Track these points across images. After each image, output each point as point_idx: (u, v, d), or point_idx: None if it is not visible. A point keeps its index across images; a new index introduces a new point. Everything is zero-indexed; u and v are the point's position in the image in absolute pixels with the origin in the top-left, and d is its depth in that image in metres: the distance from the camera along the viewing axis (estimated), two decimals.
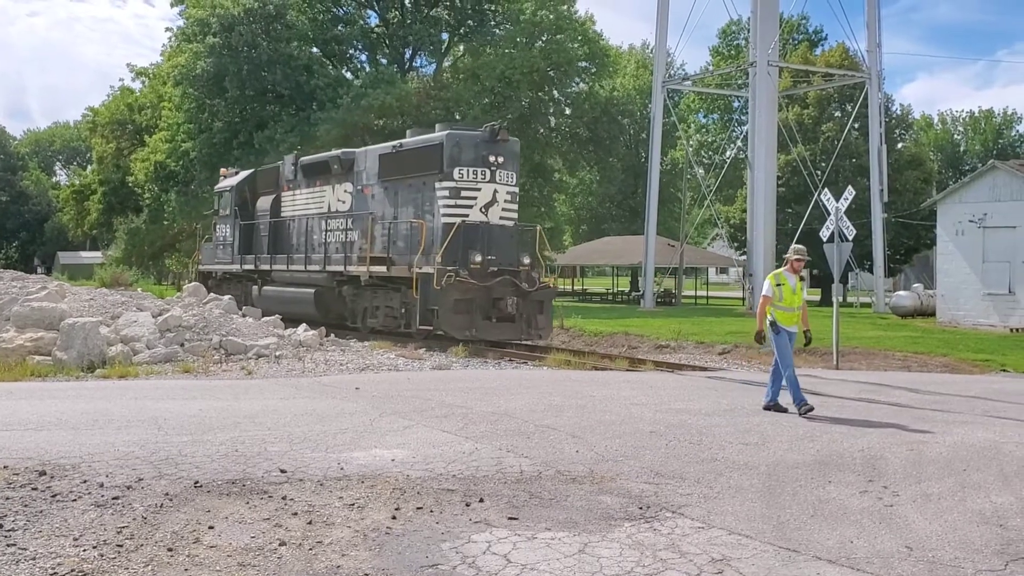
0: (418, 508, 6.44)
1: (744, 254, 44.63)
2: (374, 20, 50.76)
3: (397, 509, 6.40)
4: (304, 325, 20.71)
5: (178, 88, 45.31)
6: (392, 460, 7.85)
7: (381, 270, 21.57)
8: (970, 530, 6.36)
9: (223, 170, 31.98)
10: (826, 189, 20.90)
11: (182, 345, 16.62)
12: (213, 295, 22.16)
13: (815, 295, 57.58)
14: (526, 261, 20.97)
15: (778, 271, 11.91)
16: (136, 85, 61.98)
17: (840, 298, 22.48)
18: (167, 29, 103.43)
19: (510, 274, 20.23)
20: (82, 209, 70.48)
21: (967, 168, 76.79)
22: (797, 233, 40.28)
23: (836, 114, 52.52)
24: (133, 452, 7.79)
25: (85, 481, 6.81)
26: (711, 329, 26.92)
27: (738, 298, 50.65)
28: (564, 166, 56.20)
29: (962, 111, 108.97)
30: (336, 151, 25.74)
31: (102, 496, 6.45)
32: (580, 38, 48.83)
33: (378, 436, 8.95)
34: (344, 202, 24.14)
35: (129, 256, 58.17)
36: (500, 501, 6.70)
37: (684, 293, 52.38)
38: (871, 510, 6.79)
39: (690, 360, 20.24)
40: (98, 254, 78.54)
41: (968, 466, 8.35)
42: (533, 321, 20.62)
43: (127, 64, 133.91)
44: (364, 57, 51.19)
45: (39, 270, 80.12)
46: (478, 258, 19.79)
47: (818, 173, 40.75)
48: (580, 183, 70.08)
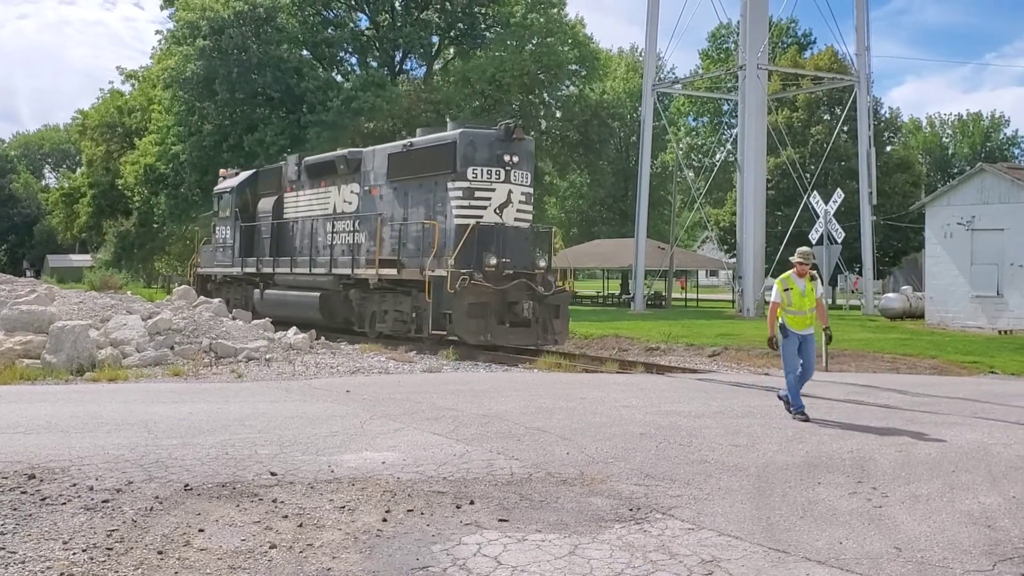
0: (409, 510, 6.44)
1: (734, 256, 44.77)
2: (364, 23, 50.82)
3: (388, 511, 6.39)
4: (294, 328, 20.60)
5: (168, 91, 45.28)
6: (383, 463, 7.84)
7: (391, 273, 20.95)
8: (958, 531, 6.38)
9: (222, 171, 31.43)
10: (815, 192, 20.97)
11: (172, 348, 16.58)
12: (203, 298, 22.15)
13: None
14: (542, 264, 20.49)
15: (785, 275, 11.74)
16: (126, 88, 62.06)
17: (830, 300, 22.54)
18: (157, 32, 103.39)
19: (526, 277, 19.64)
20: (71, 212, 70.37)
21: (955, 171, 77.12)
22: (786, 236, 40.56)
23: (825, 117, 52.74)
24: (123, 455, 7.76)
25: (75, 484, 6.79)
26: (701, 331, 27.00)
27: (728, 300, 50.74)
28: (554, 169, 56.28)
29: (950, 114, 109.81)
30: (342, 151, 25.10)
31: (92, 499, 6.43)
32: (570, 41, 49.00)
33: (369, 439, 8.94)
34: (350, 203, 23.43)
35: (118, 259, 58.18)
36: (491, 503, 6.70)
37: (674, 295, 52.47)
38: (860, 511, 6.81)
39: (680, 362, 20.27)
40: (87, 257, 78.49)
41: (957, 467, 8.39)
42: (549, 326, 19.92)
43: (117, 67, 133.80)
44: (354, 60, 51.29)
45: (28, 273, 79.91)
46: (493, 261, 19.17)
47: (807, 176, 40.88)
48: (570, 186, 70.15)
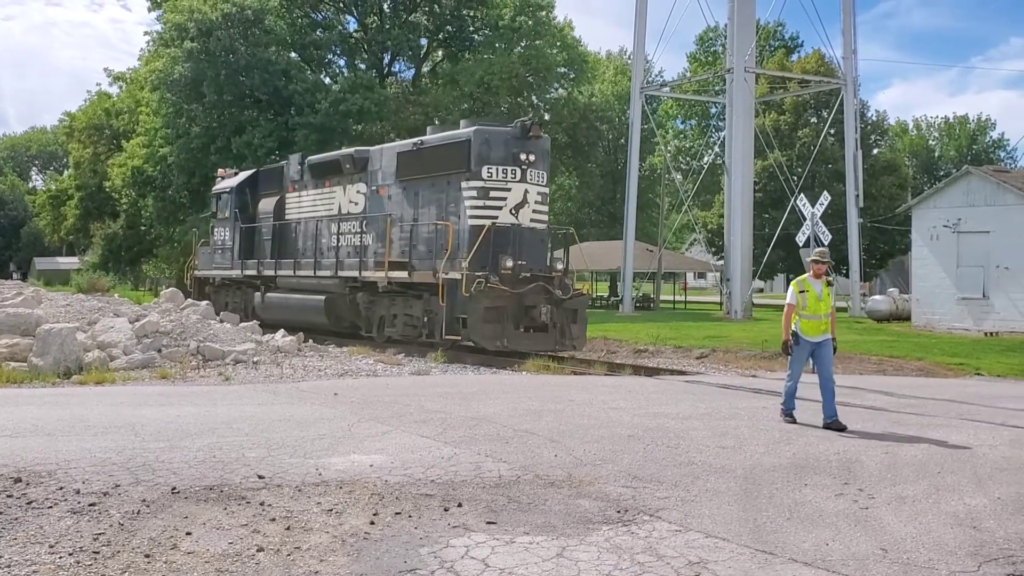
0: (396, 513, 6.44)
1: (722, 259, 44.90)
2: (353, 25, 50.76)
3: (375, 514, 6.39)
4: (282, 331, 20.55)
5: (156, 93, 45.17)
6: (370, 465, 7.84)
7: (402, 276, 20.26)
8: (944, 532, 6.42)
9: (220, 171, 30.79)
10: (802, 195, 21.05)
11: (159, 351, 16.54)
12: (191, 300, 22.09)
13: None
14: (559, 266, 19.88)
15: (802, 277, 11.15)
16: (113, 90, 61.86)
17: None
18: (146, 33, 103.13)
19: (543, 280, 19.08)
20: (59, 214, 70.14)
21: (942, 174, 77.36)
22: (774, 238, 40.73)
23: (812, 120, 52.97)
24: (110, 458, 7.74)
25: (61, 488, 6.77)
26: (689, 334, 27.06)
27: (716, 302, 50.87)
28: None
29: (937, 117, 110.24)
30: (348, 149, 24.49)
31: (78, 503, 6.41)
32: (559, 44, 49.05)
33: (356, 442, 8.93)
34: (357, 203, 22.73)
35: (106, 262, 57.98)
36: (478, 506, 6.71)
37: (663, 298, 52.57)
38: (847, 513, 6.84)
39: (668, 364, 20.31)
40: (75, 260, 78.24)
41: (942, 469, 8.43)
42: (567, 331, 19.27)
43: (104, 69, 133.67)
44: (343, 62, 51.27)
45: (15, 276, 79.70)
46: (509, 263, 18.51)
47: (794, 179, 41.00)
48: (559, 188, 70.12)
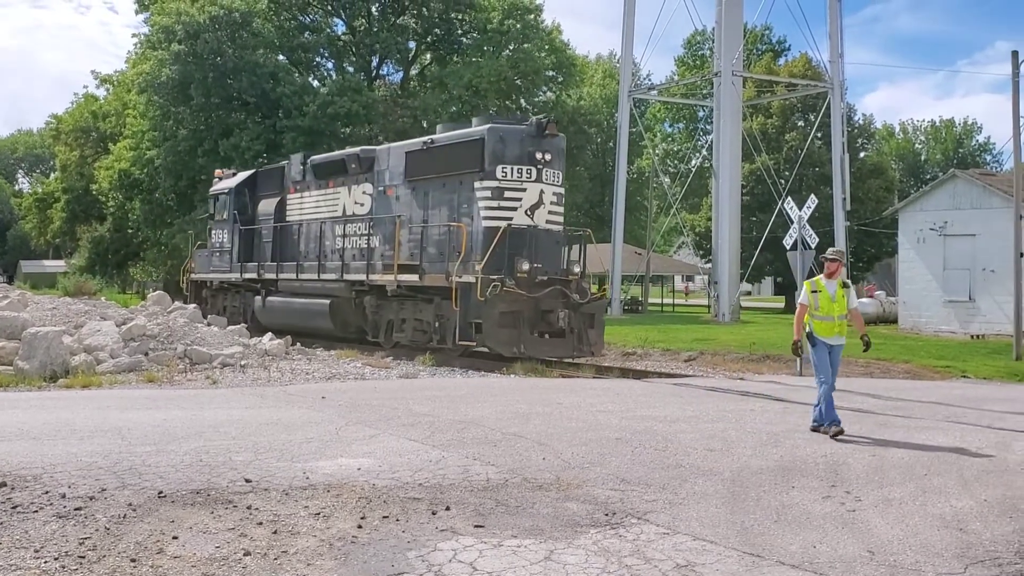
0: (384, 517, 6.43)
1: (709, 262, 44.99)
2: (341, 28, 50.67)
3: (363, 518, 6.38)
4: (270, 334, 20.51)
5: (143, 95, 44.99)
6: (358, 469, 7.82)
7: (412, 279, 19.59)
8: (931, 534, 6.44)
9: (218, 171, 30.08)
10: (789, 198, 21.02)
11: (146, 354, 16.49)
12: (178, 303, 22.02)
13: (779, 303, 58.20)
14: (576, 269, 19.28)
15: (815, 277, 10.91)
16: (100, 92, 61.60)
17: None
18: (133, 35, 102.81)
19: (560, 284, 18.50)
20: (45, 217, 69.80)
21: (928, 177, 77.69)
22: (761, 241, 40.82)
23: (799, 124, 53.08)
24: (96, 462, 7.71)
25: (47, 492, 6.74)
26: (677, 336, 27.10)
27: (704, 306, 50.98)
28: None
29: (923, 121, 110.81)
30: (353, 149, 23.84)
31: (64, 507, 6.38)
32: (547, 47, 49.05)
33: (344, 445, 8.92)
34: (363, 204, 22.03)
35: (93, 265, 57.65)
36: (466, 509, 6.71)
37: (651, 300, 52.65)
38: (834, 515, 6.86)
39: (656, 367, 20.32)
40: (61, 263, 77.79)
41: (929, 471, 8.46)
42: (584, 336, 18.63)
43: (91, 71, 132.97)
44: (331, 65, 51.16)
45: (1, 279, 79.09)
46: (525, 266, 17.86)
47: (782, 182, 41.12)
48: None
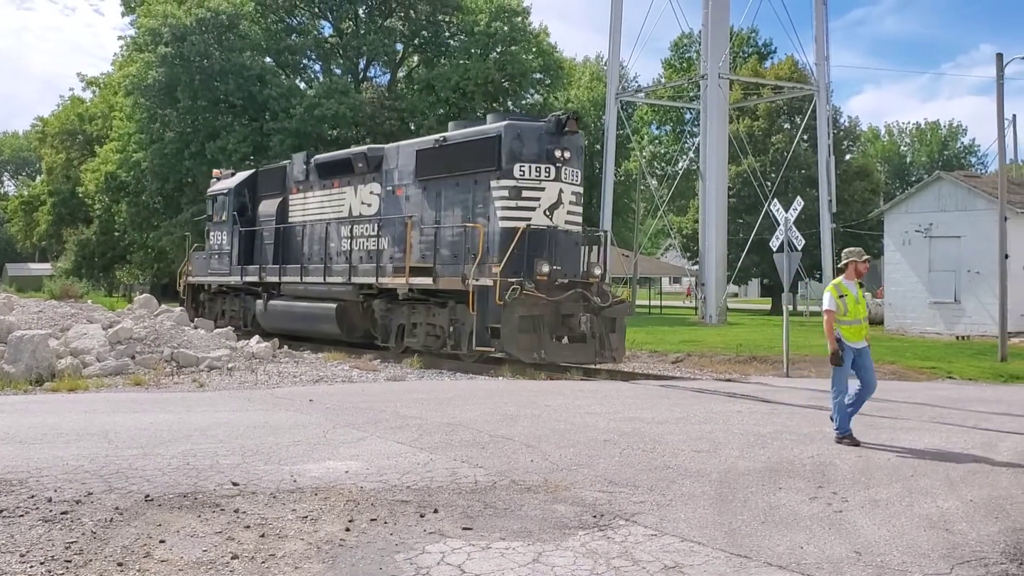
0: (372, 520, 6.42)
1: (696, 264, 45.11)
2: (328, 30, 50.67)
3: (351, 521, 6.37)
4: (257, 337, 20.44)
5: (129, 98, 44.91)
6: (346, 472, 7.81)
7: (425, 282, 18.82)
8: (917, 535, 6.46)
9: (216, 172, 29.39)
10: (776, 200, 21.10)
11: (133, 358, 16.43)
12: (164, 307, 21.92)
13: (765, 304, 58.39)
14: (597, 272, 18.73)
15: (838, 280, 9.99)
16: (87, 95, 61.45)
17: (791, 307, 22.75)
18: (120, 38, 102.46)
19: (581, 287, 17.81)
20: (31, 220, 69.54)
21: (913, 179, 78.04)
22: (748, 243, 40.96)
23: (785, 126, 53.32)
24: (82, 466, 7.67)
25: (33, 496, 6.70)
26: (664, 338, 27.16)
27: (691, 308, 51.11)
28: None
29: (908, 123, 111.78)
30: (360, 147, 23.27)
31: (50, 511, 6.35)
32: (534, 50, 49.11)
33: (332, 448, 8.90)
34: (370, 205, 21.28)
35: (79, 268, 57.43)
36: (455, 511, 6.70)
37: (638, 302, 52.74)
38: (821, 516, 6.88)
39: (644, 369, 20.35)
40: (47, 266, 77.38)
41: (915, 472, 8.49)
42: (606, 341, 17.88)
43: (77, 73, 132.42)
44: (318, 67, 51.18)
45: None
46: (545, 268, 17.21)
47: (768, 184, 41.31)
48: None
